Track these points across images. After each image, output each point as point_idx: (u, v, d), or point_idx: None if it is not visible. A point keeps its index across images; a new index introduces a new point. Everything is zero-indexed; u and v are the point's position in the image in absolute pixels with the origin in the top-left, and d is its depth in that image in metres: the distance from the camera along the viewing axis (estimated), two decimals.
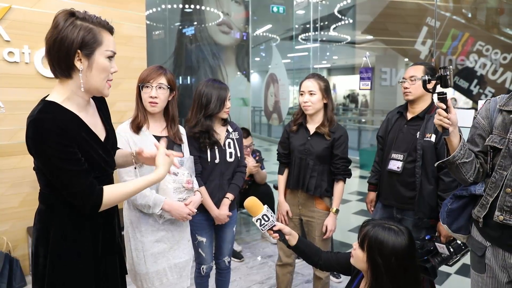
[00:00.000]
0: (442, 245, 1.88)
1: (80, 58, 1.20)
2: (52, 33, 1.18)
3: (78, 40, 1.18)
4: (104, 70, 1.25)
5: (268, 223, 1.49)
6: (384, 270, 1.21)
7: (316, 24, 4.75)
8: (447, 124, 1.38)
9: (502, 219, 1.35)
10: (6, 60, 2.69)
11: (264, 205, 1.51)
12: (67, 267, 1.27)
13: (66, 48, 1.17)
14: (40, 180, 1.28)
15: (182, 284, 1.86)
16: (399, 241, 1.21)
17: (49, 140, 1.15)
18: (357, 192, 5.92)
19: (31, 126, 1.15)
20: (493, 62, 4.17)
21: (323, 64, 14.72)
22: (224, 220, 2.15)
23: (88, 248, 1.31)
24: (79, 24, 1.18)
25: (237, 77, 5.04)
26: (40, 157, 1.19)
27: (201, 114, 2.07)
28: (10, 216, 2.79)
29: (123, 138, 1.76)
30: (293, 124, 2.25)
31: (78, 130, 1.23)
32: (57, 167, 1.18)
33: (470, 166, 1.44)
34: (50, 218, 1.27)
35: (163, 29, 4.83)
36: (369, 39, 6.24)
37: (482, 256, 1.45)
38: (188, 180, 1.81)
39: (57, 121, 1.17)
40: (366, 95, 16.32)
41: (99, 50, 1.22)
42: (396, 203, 2.21)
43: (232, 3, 4.91)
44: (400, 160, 2.15)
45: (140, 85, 1.84)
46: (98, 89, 1.27)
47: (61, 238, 1.26)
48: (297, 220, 2.28)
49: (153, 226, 1.76)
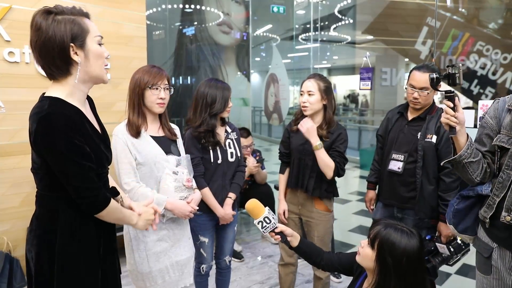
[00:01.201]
0: (442, 245, 1.88)
1: (75, 51, 1.19)
2: (38, 36, 1.16)
3: (68, 34, 1.16)
4: (100, 55, 1.26)
5: (270, 225, 1.49)
6: (393, 271, 1.23)
7: (317, 24, 4.75)
8: (454, 122, 1.35)
9: (510, 219, 1.33)
10: (6, 60, 2.69)
11: (265, 207, 1.51)
12: (76, 271, 1.25)
13: (59, 45, 1.16)
14: (41, 181, 1.25)
15: (185, 281, 1.87)
16: (411, 243, 1.23)
17: (62, 134, 1.14)
18: (357, 192, 5.91)
19: (42, 121, 1.13)
20: (494, 62, 4.17)
21: (323, 64, 14.71)
22: (229, 219, 2.16)
23: (94, 249, 1.31)
24: (61, 19, 1.16)
25: (237, 77, 5.04)
26: (51, 153, 1.16)
27: (206, 114, 2.07)
28: (10, 216, 2.79)
29: (121, 140, 1.75)
30: (294, 124, 2.25)
31: (84, 124, 1.24)
32: (71, 162, 1.16)
33: (477, 166, 1.42)
34: (54, 222, 1.24)
35: (163, 29, 4.83)
36: (369, 39, 6.24)
37: (488, 257, 1.44)
38: (188, 178, 1.82)
39: (68, 116, 1.17)
40: (366, 95, 16.32)
41: (89, 38, 1.22)
42: (397, 202, 2.21)
43: (233, 3, 4.91)
44: (401, 160, 2.15)
45: (148, 87, 1.78)
46: (99, 76, 1.28)
47: (69, 240, 1.25)
48: (297, 220, 2.28)
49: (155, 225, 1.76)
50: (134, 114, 1.79)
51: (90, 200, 1.22)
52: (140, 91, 1.77)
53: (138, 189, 1.71)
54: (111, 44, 3.17)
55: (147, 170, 1.76)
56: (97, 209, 1.24)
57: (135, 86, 1.78)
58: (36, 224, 1.28)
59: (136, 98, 1.79)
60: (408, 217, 2.20)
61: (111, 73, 3.18)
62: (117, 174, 1.74)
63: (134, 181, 1.72)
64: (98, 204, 1.24)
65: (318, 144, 2.02)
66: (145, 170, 1.75)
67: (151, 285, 1.77)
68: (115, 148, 1.72)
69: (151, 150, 1.76)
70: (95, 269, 1.30)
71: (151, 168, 1.75)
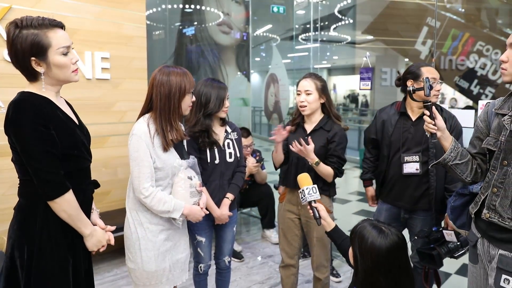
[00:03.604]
0: (450, 232, 1.88)
1: (38, 62, 1.29)
2: (9, 46, 1.29)
3: (28, 49, 1.26)
4: (63, 66, 1.34)
5: (314, 195, 1.66)
6: (359, 264, 1.23)
7: (316, 24, 4.75)
8: (432, 129, 1.50)
9: (488, 216, 1.42)
10: (6, 60, 2.69)
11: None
12: (49, 255, 1.35)
13: (22, 58, 1.28)
14: (20, 168, 1.35)
15: (182, 277, 1.89)
16: (379, 241, 1.20)
17: (28, 119, 1.25)
18: (357, 192, 5.92)
19: (10, 108, 1.27)
20: (493, 62, 4.18)
21: (323, 64, 14.71)
22: (225, 220, 2.16)
23: (65, 234, 1.39)
24: (24, 34, 1.26)
25: (237, 77, 5.04)
26: (16, 135, 1.27)
27: (200, 113, 2.07)
28: (10, 216, 2.77)
29: (144, 142, 1.66)
30: (291, 124, 2.25)
31: (54, 111, 1.34)
32: (33, 145, 1.26)
33: (465, 167, 1.53)
34: (35, 209, 1.34)
35: (163, 29, 4.83)
36: (369, 39, 6.24)
37: (474, 246, 1.52)
38: (199, 183, 1.83)
39: (34, 104, 1.28)
40: (366, 95, 16.33)
41: (51, 51, 1.30)
42: (407, 204, 2.20)
43: (232, 3, 4.91)
44: (417, 161, 2.14)
45: (191, 92, 1.75)
46: (65, 80, 1.38)
47: (48, 228, 1.34)
48: (297, 220, 2.28)
49: (163, 225, 1.77)
50: (173, 119, 1.72)
51: (48, 183, 1.29)
52: (180, 96, 1.71)
53: (156, 194, 1.68)
54: (111, 44, 3.18)
55: (162, 175, 1.72)
56: (53, 193, 1.30)
57: (174, 91, 1.69)
58: (17, 211, 1.40)
59: (176, 103, 1.71)
60: (418, 216, 2.20)
61: (111, 73, 3.18)
62: (135, 176, 1.67)
63: (152, 186, 1.69)
64: (54, 188, 1.30)
65: (315, 162, 2.03)
66: (160, 175, 1.72)
67: (155, 284, 1.78)
68: (137, 150, 1.66)
69: (170, 156, 1.73)
70: (64, 255, 1.39)
71: (167, 173, 1.73)
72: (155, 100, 1.70)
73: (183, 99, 1.72)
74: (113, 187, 3.24)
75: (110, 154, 3.22)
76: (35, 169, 1.28)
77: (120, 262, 3.17)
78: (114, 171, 3.28)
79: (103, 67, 3.14)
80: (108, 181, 3.20)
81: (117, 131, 3.24)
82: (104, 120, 3.19)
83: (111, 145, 3.23)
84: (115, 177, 3.28)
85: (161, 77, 1.70)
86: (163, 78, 1.70)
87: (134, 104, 3.10)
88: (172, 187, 1.77)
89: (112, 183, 3.24)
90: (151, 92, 1.73)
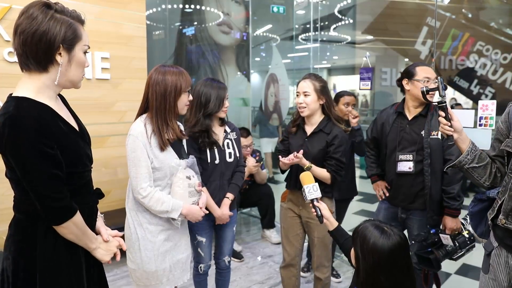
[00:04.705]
0: (446, 236, 1.88)
1: (61, 52, 1.17)
2: (30, 24, 1.12)
3: (61, 35, 1.15)
4: (82, 64, 1.25)
5: (315, 193, 1.66)
6: (361, 265, 1.22)
7: (316, 24, 4.75)
8: (448, 131, 1.41)
9: (504, 222, 1.34)
10: (6, 60, 2.69)
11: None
12: (59, 278, 1.22)
13: (48, 42, 1.14)
14: (17, 186, 1.21)
15: (183, 278, 1.88)
16: (381, 241, 1.19)
17: (28, 139, 1.09)
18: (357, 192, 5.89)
19: (7, 124, 1.08)
20: (493, 62, 4.17)
21: (323, 64, 14.69)
22: (226, 220, 2.16)
23: (77, 255, 1.27)
24: (59, 18, 1.16)
25: (237, 77, 5.04)
26: (15, 158, 1.11)
27: (200, 113, 2.07)
28: (10, 216, 2.77)
29: (140, 142, 1.66)
30: (292, 126, 2.25)
31: (56, 122, 1.19)
32: (35, 168, 1.11)
33: (484, 170, 1.43)
34: (33, 228, 1.20)
35: (163, 29, 4.83)
36: (369, 39, 6.24)
37: (488, 255, 1.46)
38: (199, 182, 1.82)
39: (35, 119, 1.11)
40: (366, 95, 16.30)
41: (79, 45, 1.22)
42: (403, 203, 2.21)
43: (232, 3, 4.91)
44: (410, 160, 2.14)
45: (187, 91, 1.76)
46: (74, 82, 1.26)
47: (50, 247, 1.20)
48: (298, 220, 2.27)
49: (163, 226, 1.77)
50: (170, 122, 1.72)
51: (53, 209, 1.16)
52: (175, 96, 1.71)
53: (154, 194, 1.68)
54: (111, 44, 3.18)
55: (160, 175, 1.72)
56: (60, 219, 1.18)
57: (170, 90, 1.69)
58: (14, 229, 1.24)
59: (172, 102, 1.71)
60: (414, 217, 2.20)
61: (111, 73, 3.18)
62: (133, 177, 1.68)
63: (150, 186, 1.69)
64: (61, 214, 1.18)
65: (307, 167, 2.02)
66: (158, 175, 1.72)
67: (156, 284, 1.77)
68: (134, 150, 1.66)
69: (167, 155, 1.72)
70: (79, 277, 1.26)
71: (165, 173, 1.73)
72: (151, 99, 1.71)
73: (179, 98, 1.73)
74: (113, 187, 3.24)
75: (110, 154, 3.22)
76: (38, 196, 1.14)
77: (120, 262, 3.14)
78: (114, 171, 3.28)
79: (103, 67, 3.14)
80: (108, 181, 3.20)
81: (117, 131, 3.24)
82: (104, 120, 3.19)
83: (111, 145, 3.24)
84: (115, 177, 3.28)
85: (156, 76, 1.70)
86: (158, 77, 1.70)
87: (134, 104, 3.09)
88: (171, 187, 1.77)
89: (112, 183, 3.24)
90: (147, 92, 1.73)
